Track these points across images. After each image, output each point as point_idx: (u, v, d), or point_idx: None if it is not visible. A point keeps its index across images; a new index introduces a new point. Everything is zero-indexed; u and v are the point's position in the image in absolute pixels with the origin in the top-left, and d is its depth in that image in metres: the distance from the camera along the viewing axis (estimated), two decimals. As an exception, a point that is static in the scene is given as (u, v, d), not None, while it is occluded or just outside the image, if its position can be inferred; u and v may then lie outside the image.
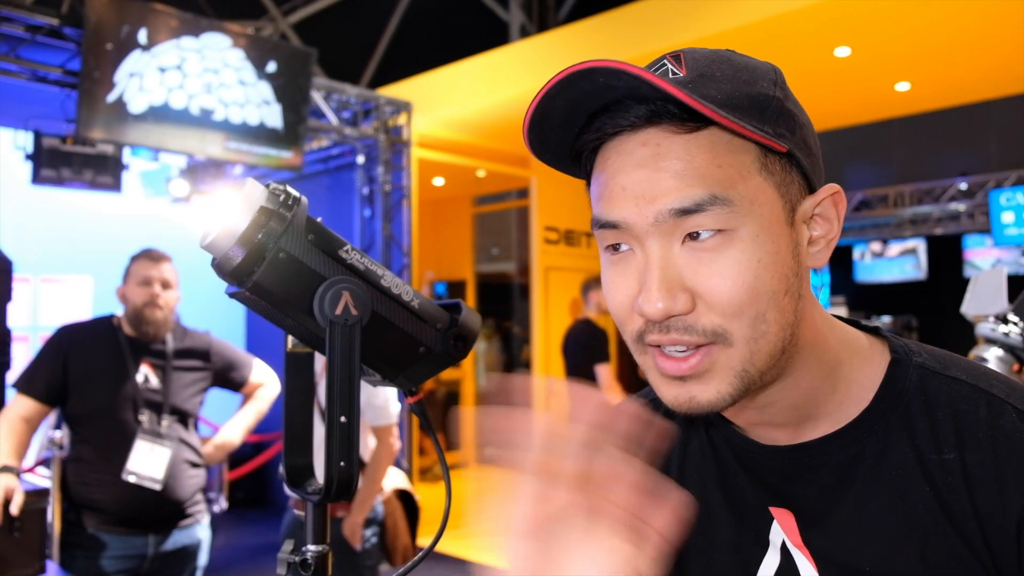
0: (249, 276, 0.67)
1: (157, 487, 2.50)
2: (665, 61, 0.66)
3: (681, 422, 0.82)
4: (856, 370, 0.71)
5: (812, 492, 0.70)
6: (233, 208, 0.67)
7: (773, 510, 0.72)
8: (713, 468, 0.78)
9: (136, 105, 4.40)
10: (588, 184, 0.70)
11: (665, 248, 0.63)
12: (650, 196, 0.63)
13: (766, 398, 0.70)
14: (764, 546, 0.73)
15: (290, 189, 0.71)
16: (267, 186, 0.70)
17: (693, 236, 0.63)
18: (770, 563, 0.72)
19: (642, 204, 0.63)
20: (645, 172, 0.63)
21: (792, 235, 0.65)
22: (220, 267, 0.68)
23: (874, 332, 0.75)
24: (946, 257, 8.76)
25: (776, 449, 0.73)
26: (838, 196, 0.68)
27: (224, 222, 0.67)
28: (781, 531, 0.72)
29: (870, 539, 0.67)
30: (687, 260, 0.63)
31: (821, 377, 0.70)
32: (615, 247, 0.67)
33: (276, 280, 0.68)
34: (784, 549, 0.72)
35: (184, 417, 2.65)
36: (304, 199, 0.71)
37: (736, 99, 0.63)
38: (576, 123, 0.68)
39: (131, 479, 2.47)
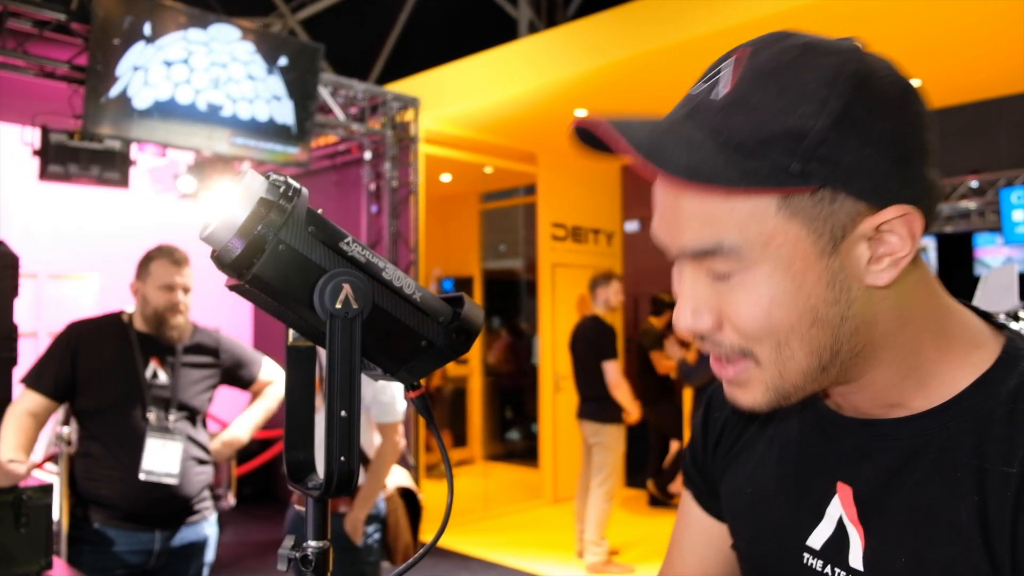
0: (248, 268, 0.66)
1: (174, 481, 2.52)
2: (726, 66, 0.66)
3: None
4: (955, 368, 0.69)
5: (876, 472, 0.71)
6: (232, 199, 0.67)
7: (839, 484, 0.74)
8: (795, 430, 0.80)
9: (141, 100, 4.40)
10: None
11: (694, 274, 0.68)
12: (672, 232, 0.67)
13: (843, 390, 0.72)
14: (820, 515, 0.75)
15: (290, 180, 0.70)
16: (267, 177, 0.69)
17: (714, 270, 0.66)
18: (822, 532, 0.74)
19: (668, 237, 0.68)
20: (668, 210, 0.67)
21: (830, 265, 0.64)
22: (219, 259, 0.68)
23: (1000, 327, 0.72)
24: (956, 255, 8.71)
25: (853, 421, 0.74)
26: (911, 218, 0.63)
27: (223, 213, 0.66)
28: (840, 505, 0.73)
29: (914, 533, 0.67)
30: (713, 287, 0.67)
31: (903, 375, 0.69)
32: None
33: (276, 272, 0.67)
34: (840, 522, 0.73)
35: (192, 414, 2.66)
36: (305, 190, 0.70)
37: (762, 135, 0.61)
38: None
39: (150, 478, 2.49)
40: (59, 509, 2.55)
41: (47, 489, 2.21)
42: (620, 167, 8.05)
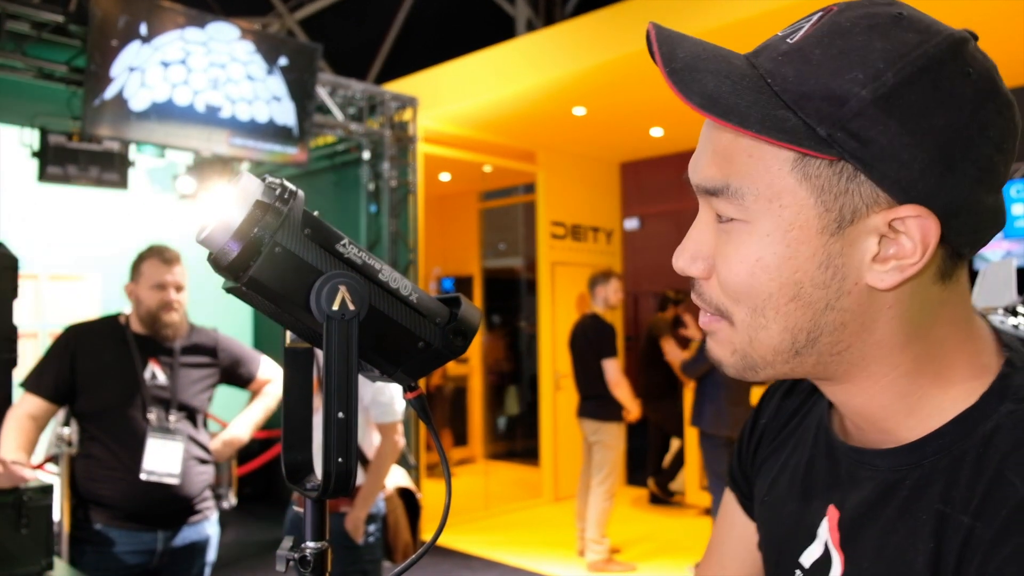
0: (245, 271, 0.67)
1: (175, 481, 2.53)
2: (816, 15, 0.63)
3: (811, 391, 0.84)
4: (947, 400, 0.65)
5: (859, 500, 0.69)
6: (228, 202, 0.67)
7: (830, 507, 0.72)
8: (810, 446, 0.79)
9: (138, 102, 4.40)
10: None
11: (707, 215, 0.67)
12: (695, 165, 0.67)
13: (831, 395, 0.70)
14: (813, 535, 0.74)
15: (286, 182, 0.70)
16: (263, 179, 0.70)
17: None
18: (813, 552, 0.73)
19: (692, 169, 0.67)
20: (702, 144, 0.66)
21: (828, 246, 0.60)
22: (216, 262, 0.68)
23: (1009, 350, 0.68)
24: (955, 250, 8.71)
25: (848, 447, 0.72)
26: (925, 223, 0.58)
27: (219, 216, 0.67)
28: (827, 528, 0.72)
29: (881, 570, 0.65)
30: (715, 233, 0.66)
31: (894, 397, 0.65)
32: None
33: (272, 275, 0.67)
34: (827, 545, 0.72)
35: (192, 413, 2.67)
36: (301, 193, 0.71)
37: (803, 89, 0.59)
38: None
39: (151, 478, 2.50)
40: (60, 510, 2.55)
41: (47, 490, 2.22)
42: (619, 164, 8.05)
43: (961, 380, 0.64)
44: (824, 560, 0.71)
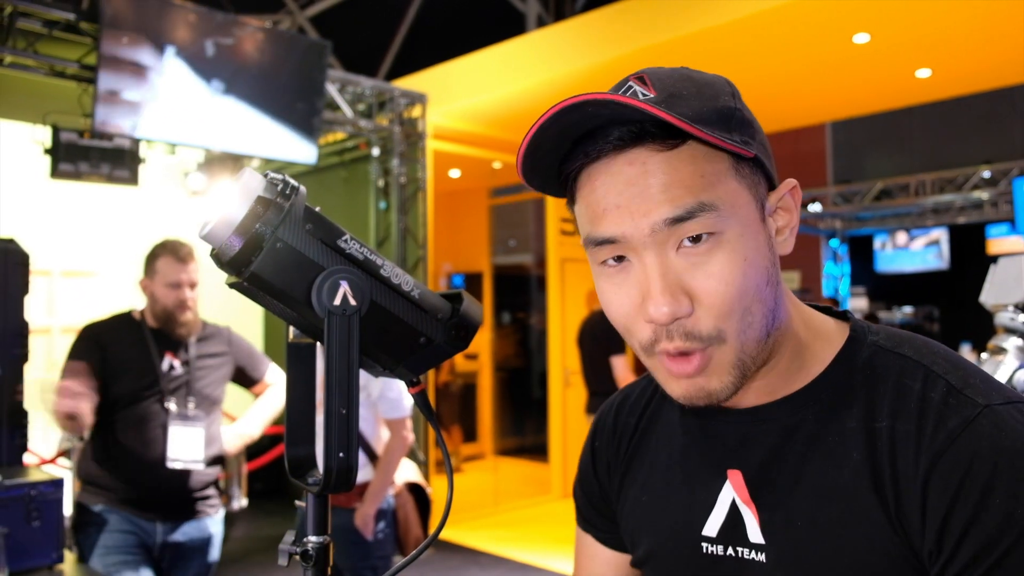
0: (247, 266, 0.67)
1: (200, 466, 2.61)
2: (631, 83, 0.72)
3: (645, 403, 0.91)
4: (820, 350, 0.77)
5: (761, 453, 0.77)
6: (230, 197, 0.67)
7: (729, 472, 0.79)
8: (680, 439, 0.85)
9: (150, 98, 4.41)
10: (572, 205, 0.77)
11: (661, 256, 0.69)
12: (643, 210, 0.69)
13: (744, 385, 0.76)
14: (712, 505, 0.80)
15: (288, 178, 0.70)
16: (265, 175, 0.70)
17: (687, 242, 0.69)
18: (716, 519, 0.79)
19: (637, 218, 0.69)
20: (636, 189, 0.69)
21: (765, 230, 0.72)
22: (218, 257, 0.68)
23: (842, 317, 0.81)
24: (969, 246, 8.64)
25: (733, 411, 0.79)
26: (795, 190, 0.76)
27: (222, 212, 0.67)
28: (732, 490, 0.78)
29: (805, 498, 0.73)
30: (683, 265, 0.69)
31: (791, 357, 0.76)
32: (616, 259, 0.72)
33: (274, 270, 0.67)
34: (733, 506, 0.78)
35: (208, 404, 2.73)
36: (303, 188, 0.71)
37: (705, 114, 0.68)
38: (562, 149, 0.73)
39: (175, 465, 2.57)
40: (71, 504, 2.58)
41: (58, 483, 2.23)
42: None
43: (822, 331, 0.78)
44: (733, 520, 0.78)
